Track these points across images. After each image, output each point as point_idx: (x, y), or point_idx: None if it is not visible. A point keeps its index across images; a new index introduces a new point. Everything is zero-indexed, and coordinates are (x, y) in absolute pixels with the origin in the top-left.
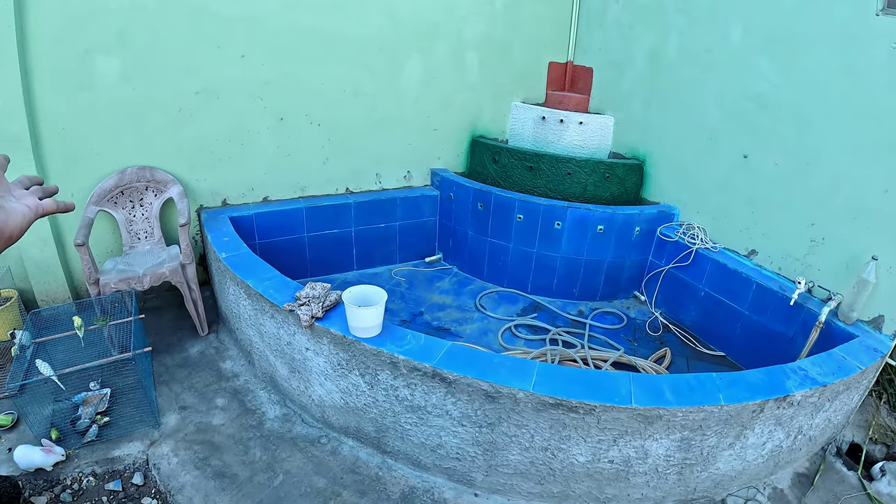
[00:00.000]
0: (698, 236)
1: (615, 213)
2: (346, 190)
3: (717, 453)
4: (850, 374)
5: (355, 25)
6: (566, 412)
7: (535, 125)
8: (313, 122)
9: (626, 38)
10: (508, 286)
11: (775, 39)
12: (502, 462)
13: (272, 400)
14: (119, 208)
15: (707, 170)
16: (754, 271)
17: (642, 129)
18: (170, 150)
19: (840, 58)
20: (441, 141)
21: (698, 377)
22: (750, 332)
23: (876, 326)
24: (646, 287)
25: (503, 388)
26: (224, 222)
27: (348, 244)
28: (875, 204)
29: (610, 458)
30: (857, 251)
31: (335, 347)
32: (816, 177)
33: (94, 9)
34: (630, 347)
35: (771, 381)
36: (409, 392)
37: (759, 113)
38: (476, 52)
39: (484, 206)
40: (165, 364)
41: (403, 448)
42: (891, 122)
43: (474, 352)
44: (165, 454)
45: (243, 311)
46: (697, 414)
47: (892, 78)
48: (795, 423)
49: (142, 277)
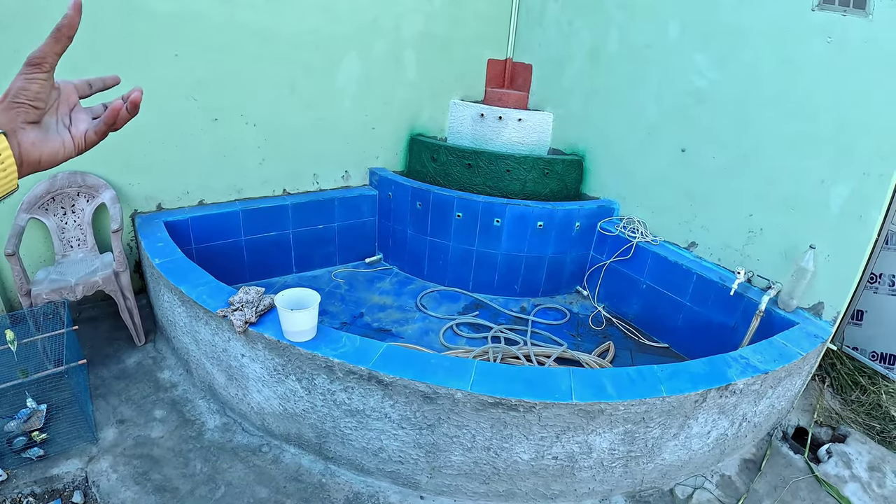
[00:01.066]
0: (638, 230)
1: (555, 210)
2: (284, 191)
3: (661, 444)
4: (791, 360)
5: (291, 21)
6: (506, 411)
7: (474, 123)
8: (249, 122)
9: (565, 34)
10: (449, 285)
11: (712, 35)
12: (445, 463)
13: (211, 409)
14: (50, 215)
15: (646, 164)
16: (694, 263)
17: (582, 124)
18: (101, 154)
19: (776, 53)
20: (379, 140)
21: (639, 370)
22: (692, 322)
23: (816, 313)
24: (588, 282)
25: (440, 389)
26: (158, 227)
27: (287, 247)
28: (812, 194)
29: (554, 455)
30: (795, 241)
31: (270, 353)
32: (754, 169)
33: (21, 8)
34: (573, 342)
35: (712, 371)
36: (346, 396)
37: (696, 107)
38: (414, 49)
39: (423, 205)
40: (102, 376)
41: (345, 453)
42: (827, 114)
43: (411, 352)
44: (104, 470)
45: (178, 319)
46: (639, 407)
47: (828, 72)
48: (739, 410)
49: (74, 287)
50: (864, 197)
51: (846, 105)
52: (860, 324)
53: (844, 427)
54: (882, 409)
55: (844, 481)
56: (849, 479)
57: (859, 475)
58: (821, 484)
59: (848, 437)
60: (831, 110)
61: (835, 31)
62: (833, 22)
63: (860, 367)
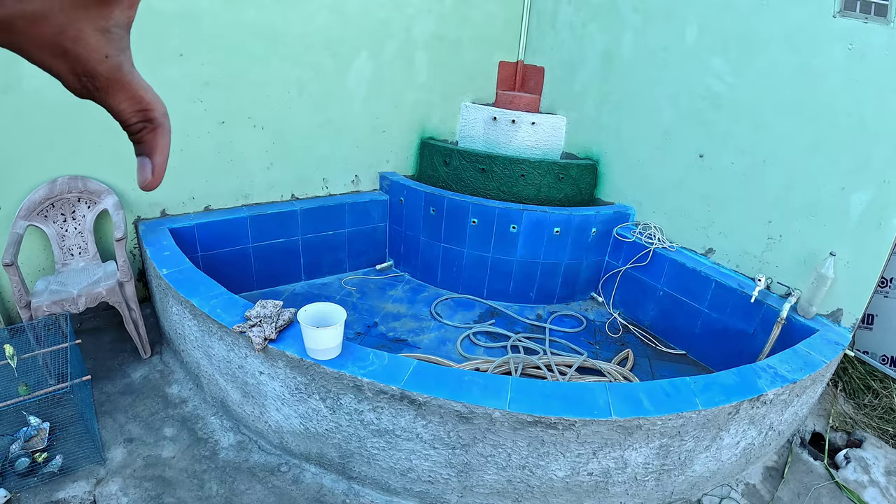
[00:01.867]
0: (655, 236)
1: (572, 215)
2: (292, 196)
3: (693, 457)
4: (816, 368)
5: (300, 21)
6: (545, 429)
7: (486, 126)
8: (256, 126)
9: (578, 37)
10: (463, 292)
11: (730, 39)
12: (477, 482)
13: (225, 427)
14: (50, 222)
15: (662, 169)
16: (712, 269)
17: (596, 128)
18: (103, 158)
19: (796, 58)
20: (390, 143)
21: (673, 383)
22: (710, 329)
23: (834, 320)
24: (603, 288)
25: (477, 409)
26: (164, 234)
27: (295, 253)
28: (831, 201)
29: (589, 471)
30: (815, 247)
31: (292, 371)
32: (773, 175)
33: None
34: (592, 350)
35: (743, 382)
36: (375, 416)
37: (714, 112)
38: (425, 50)
39: (437, 211)
40: (107, 392)
41: (371, 473)
42: (847, 121)
43: (442, 370)
44: (114, 493)
45: (188, 332)
46: (676, 421)
47: (848, 78)
48: (767, 420)
49: (76, 299)
50: (884, 204)
51: (866, 112)
52: (871, 328)
53: (860, 432)
54: (895, 412)
55: (864, 486)
56: (868, 485)
57: (878, 480)
58: (842, 490)
59: (864, 441)
60: (851, 117)
61: (856, 37)
62: (854, 29)
63: (871, 370)
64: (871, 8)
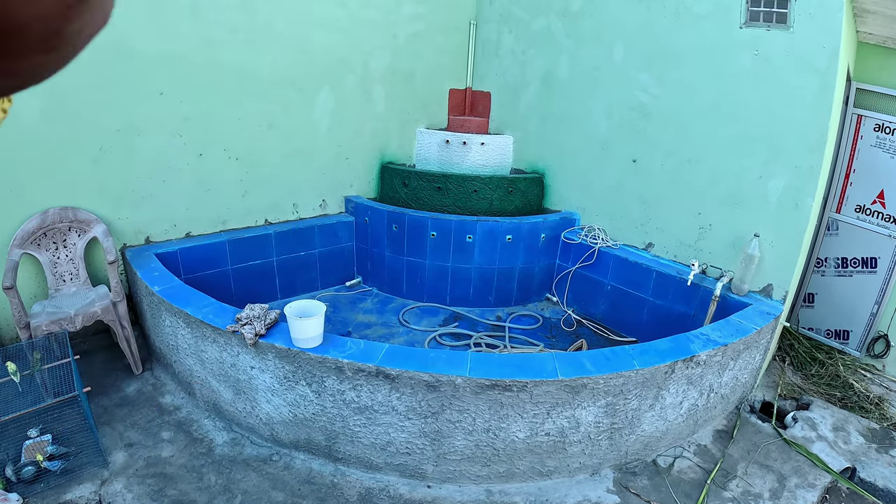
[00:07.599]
0: (599, 236)
1: (521, 223)
2: (266, 221)
3: (640, 415)
4: (746, 334)
5: (269, 61)
6: (502, 391)
7: (440, 148)
8: (231, 157)
9: (520, 63)
10: (428, 301)
11: (653, 55)
12: (449, 449)
13: (218, 427)
14: (42, 250)
15: (602, 176)
16: (653, 261)
17: (540, 144)
18: (92, 189)
19: (710, 67)
20: (353, 169)
21: (613, 350)
22: (656, 316)
23: (766, 294)
24: (556, 288)
25: (443, 377)
26: (151, 259)
27: (271, 274)
28: (752, 189)
29: (546, 431)
30: (741, 232)
31: (281, 361)
32: (699, 172)
33: None
34: (549, 343)
35: (677, 346)
36: (355, 394)
37: (643, 121)
38: (382, 83)
39: (399, 227)
40: (103, 405)
41: (355, 452)
42: (759, 117)
43: (412, 349)
44: (119, 491)
45: (182, 342)
46: (617, 380)
47: (756, 80)
48: (706, 381)
49: (74, 317)
50: (798, 187)
51: (775, 108)
52: (812, 305)
53: (807, 397)
54: (841, 378)
55: (812, 441)
56: (815, 440)
57: (825, 435)
58: (790, 445)
59: (811, 404)
60: (762, 113)
61: (761, 44)
62: (759, 37)
63: (817, 344)
64: (773, 17)
